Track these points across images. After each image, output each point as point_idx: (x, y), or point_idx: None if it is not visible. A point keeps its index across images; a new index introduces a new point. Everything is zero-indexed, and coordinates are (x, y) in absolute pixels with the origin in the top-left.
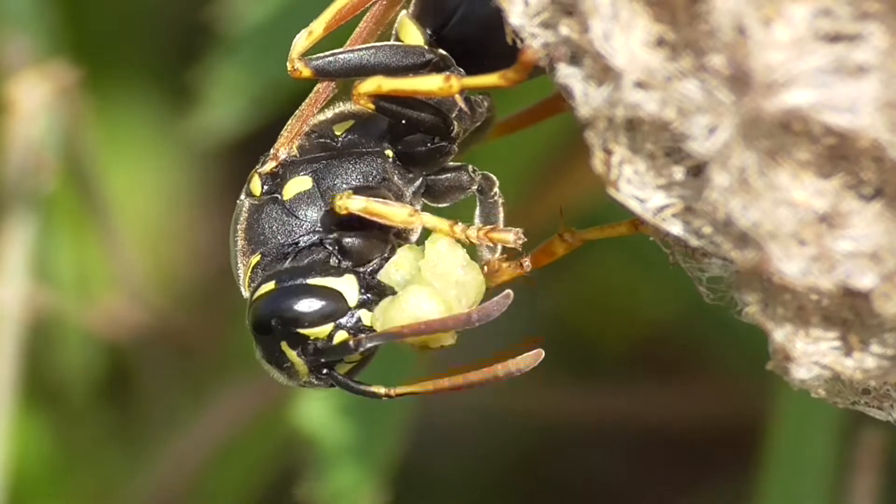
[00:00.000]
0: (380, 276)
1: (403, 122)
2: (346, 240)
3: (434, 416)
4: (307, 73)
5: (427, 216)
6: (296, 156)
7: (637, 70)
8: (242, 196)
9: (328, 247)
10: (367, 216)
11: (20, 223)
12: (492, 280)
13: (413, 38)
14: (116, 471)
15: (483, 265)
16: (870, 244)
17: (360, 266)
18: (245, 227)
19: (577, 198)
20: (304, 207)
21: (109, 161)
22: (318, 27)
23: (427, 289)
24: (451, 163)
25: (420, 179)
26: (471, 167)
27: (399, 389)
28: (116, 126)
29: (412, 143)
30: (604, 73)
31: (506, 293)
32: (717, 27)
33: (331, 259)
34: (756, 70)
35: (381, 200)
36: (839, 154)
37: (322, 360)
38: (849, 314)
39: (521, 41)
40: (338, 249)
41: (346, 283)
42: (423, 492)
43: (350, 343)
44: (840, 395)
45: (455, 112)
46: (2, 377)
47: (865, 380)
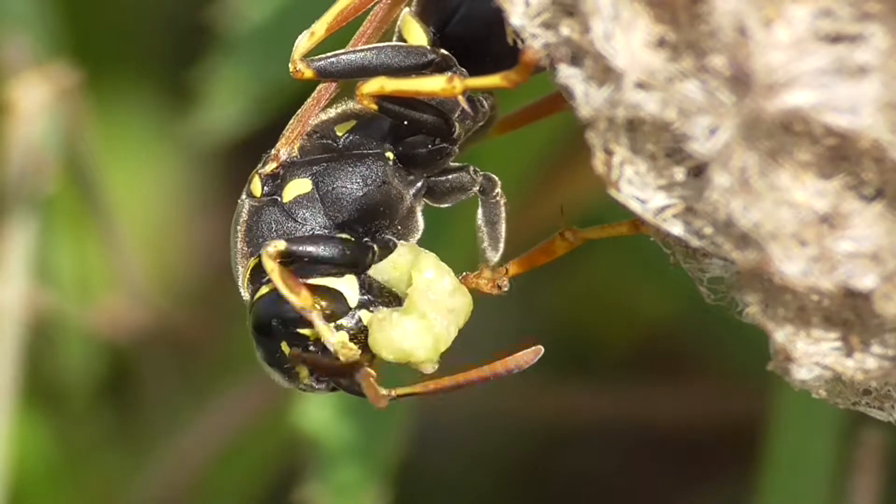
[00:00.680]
0: (376, 272)
1: (406, 123)
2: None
3: (434, 417)
4: (309, 75)
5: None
6: (297, 157)
7: (638, 71)
8: (243, 196)
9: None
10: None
11: (20, 224)
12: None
13: (417, 37)
14: (117, 471)
15: (461, 278)
16: (871, 245)
17: (361, 268)
18: (245, 229)
19: (578, 197)
20: (304, 210)
21: (109, 161)
22: (321, 28)
23: (420, 323)
24: (453, 164)
25: (421, 181)
26: (472, 168)
27: (400, 390)
28: (116, 126)
29: (413, 145)
30: (605, 74)
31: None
32: (718, 28)
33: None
34: (757, 71)
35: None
36: (840, 155)
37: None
38: (850, 315)
39: (522, 42)
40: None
41: (347, 284)
42: (424, 492)
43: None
44: (841, 396)
45: (457, 113)
46: (2, 377)
47: (866, 380)
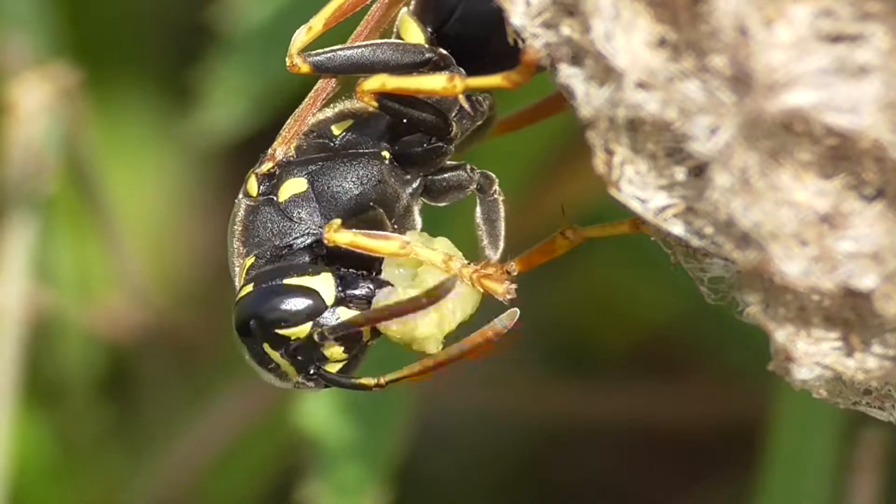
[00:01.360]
0: (383, 270)
1: (404, 122)
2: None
3: (435, 417)
4: (306, 69)
5: (420, 248)
6: (293, 156)
7: (639, 70)
8: (240, 196)
9: (317, 250)
10: (355, 249)
11: (21, 224)
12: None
13: (414, 36)
14: (117, 471)
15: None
16: (871, 245)
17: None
18: (241, 229)
19: (578, 196)
20: (299, 210)
21: (109, 161)
22: (318, 23)
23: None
24: (450, 162)
25: (418, 180)
26: (469, 166)
27: (389, 377)
28: (116, 127)
29: (410, 144)
30: (605, 74)
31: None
32: (719, 28)
33: (317, 260)
34: (757, 70)
35: (369, 233)
36: (841, 154)
37: (307, 360)
38: (850, 315)
39: (523, 41)
40: (328, 252)
41: (322, 282)
42: (424, 492)
43: (314, 335)
44: (841, 396)
45: (455, 112)
46: (2, 377)
47: (867, 380)
